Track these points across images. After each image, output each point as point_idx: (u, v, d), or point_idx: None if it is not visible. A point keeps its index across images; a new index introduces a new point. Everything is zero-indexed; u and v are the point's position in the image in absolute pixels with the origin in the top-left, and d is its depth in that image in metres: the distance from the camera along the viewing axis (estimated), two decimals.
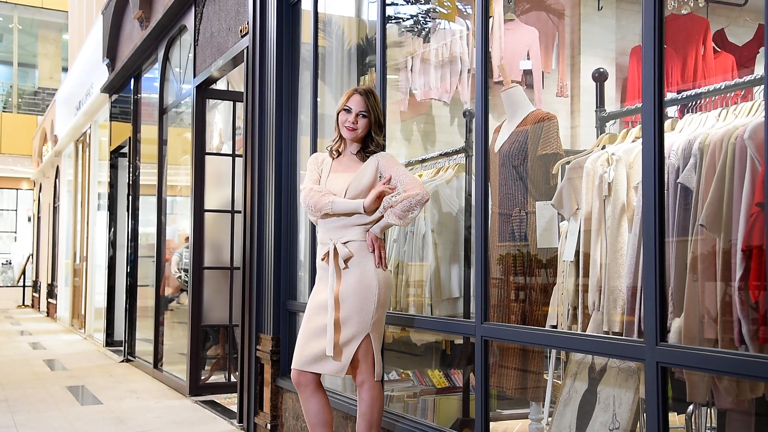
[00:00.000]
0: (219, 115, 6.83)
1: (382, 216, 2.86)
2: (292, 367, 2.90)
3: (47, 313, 14.44)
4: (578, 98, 4.65)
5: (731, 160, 2.18)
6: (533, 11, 4.69)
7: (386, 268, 2.90)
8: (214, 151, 6.33)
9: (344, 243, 2.85)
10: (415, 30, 4.77)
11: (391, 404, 3.77)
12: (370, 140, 2.93)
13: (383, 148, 3.01)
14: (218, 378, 5.94)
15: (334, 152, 2.99)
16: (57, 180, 13.85)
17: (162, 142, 6.77)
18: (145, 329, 7.35)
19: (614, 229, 2.63)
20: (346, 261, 2.83)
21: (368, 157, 2.94)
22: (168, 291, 6.78)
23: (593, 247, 2.70)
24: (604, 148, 2.85)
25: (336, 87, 4.40)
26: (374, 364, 2.85)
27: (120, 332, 8.51)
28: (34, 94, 21.15)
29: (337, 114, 2.95)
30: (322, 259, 2.88)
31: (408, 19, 4.77)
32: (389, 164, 2.91)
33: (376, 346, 2.85)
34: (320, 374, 2.89)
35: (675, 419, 2.59)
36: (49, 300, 14.28)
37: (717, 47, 4.30)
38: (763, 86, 2.30)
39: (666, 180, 2.21)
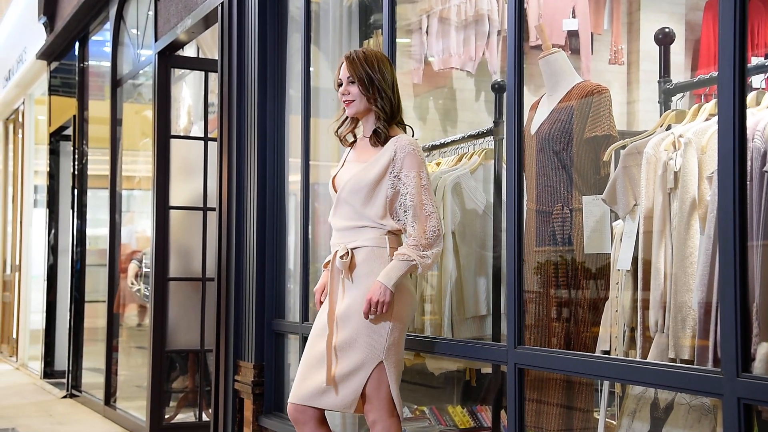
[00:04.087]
0: (187, 88, 6.85)
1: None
2: (288, 401, 2.92)
3: None
4: (637, 66, 4.64)
5: None
6: None
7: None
8: (182, 134, 6.35)
9: (354, 248, 2.85)
10: None
11: None
12: (378, 116, 2.89)
13: (407, 131, 2.98)
14: (186, 417, 5.96)
15: (346, 138, 3.04)
16: None
17: (115, 122, 6.78)
18: (94, 356, 7.37)
19: (682, 230, 2.63)
20: (350, 272, 2.84)
21: (382, 141, 2.89)
22: (131, 312, 6.77)
23: (655, 253, 2.70)
24: (669, 128, 2.85)
25: (333, 54, 4.40)
26: (391, 399, 2.82)
27: (62, 361, 8.52)
28: None
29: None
30: (324, 267, 2.90)
31: None
32: (408, 163, 2.84)
33: (392, 376, 2.82)
34: (323, 410, 2.90)
35: None
36: None
37: None
38: None
39: (749, 168, 2.21)
